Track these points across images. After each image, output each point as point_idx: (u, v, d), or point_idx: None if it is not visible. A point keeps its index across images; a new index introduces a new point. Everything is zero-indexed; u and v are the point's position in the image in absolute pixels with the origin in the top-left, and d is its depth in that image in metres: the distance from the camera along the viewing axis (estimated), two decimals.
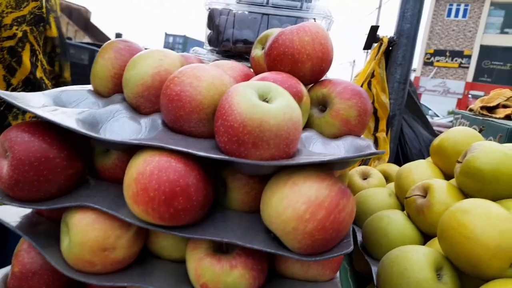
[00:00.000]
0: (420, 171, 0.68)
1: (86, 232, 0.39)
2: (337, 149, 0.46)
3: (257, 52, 0.62)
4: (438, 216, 0.51)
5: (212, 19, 0.75)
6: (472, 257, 0.44)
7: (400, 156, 1.10)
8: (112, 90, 0.53)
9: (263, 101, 0.38)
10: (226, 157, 0.37)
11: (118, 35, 18.08)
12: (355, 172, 0.85)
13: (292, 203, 0.36)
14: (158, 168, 0.37)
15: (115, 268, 0.42)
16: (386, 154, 1.03)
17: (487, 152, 0.55)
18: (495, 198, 0.53)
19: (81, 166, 0.44)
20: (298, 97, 0.46)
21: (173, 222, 0.38)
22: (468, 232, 0.44)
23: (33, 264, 0.43)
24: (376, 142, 1.04)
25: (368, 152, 0.38)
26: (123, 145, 0.39)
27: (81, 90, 0.53)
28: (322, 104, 0.51)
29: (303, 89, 0.48)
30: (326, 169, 0.39)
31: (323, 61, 0.51)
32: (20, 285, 0.43)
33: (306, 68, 0.50)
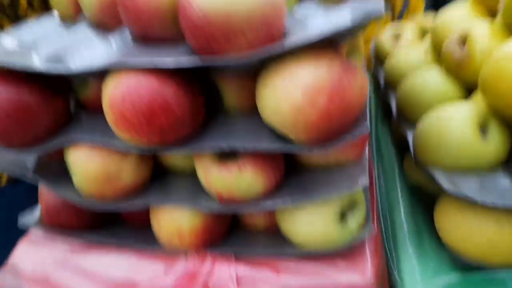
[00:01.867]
0: (460, 16, 0.55)
1: (86, 166, 0.38)
2: (343, 18, 0.37)
3: None
4: (480, 69, 0.43)
5: None
6: None
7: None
8: (75, 14, 0.47)
9: None
10: (199, 63, 0.31)
11: None
12: (384, 35, 0.73)
13: (287, 94, 0.31)
14: (128, 91, 0.33)
15: (129, 193, 0.41)
16: (420, 1, 0.87)
17: None
18: None
19: (62, 102, 0.41)
20: None
21: (165, 141, 0.35)
22: None
23: (56, 200, 0.44)
24: None
25: (367, 15, 0.29)
26: (88, 73, 0.35)
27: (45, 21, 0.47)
28: None
29: None
30: (325, 44, 0.32)
31: None
32: (52, 221, 0.45)
33: None
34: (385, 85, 0.65)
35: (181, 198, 0.40)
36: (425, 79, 0.53)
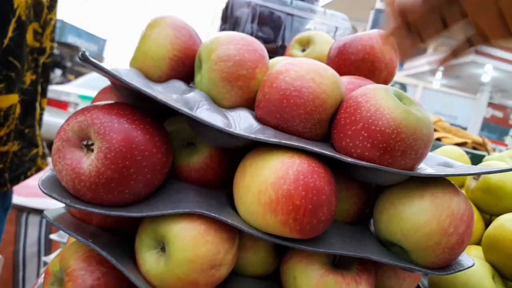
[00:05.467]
0: None
1: (196, 246, 0.32)
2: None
3: (295, 52, 0.59)
4: None
5: (231, 10, 0.69)
6: None
7: None
8: (166, 74, 0.45)
9: None
10: (376, 165, 0.33)
11: None
12: None
13: (436, 217, 0.34)
14: (303, 173, 0.32)
15: None
16: None
17: None
18: None
19: (168, 160, 0.35)
20: None
21: (308, 235, 0.33)
22: None
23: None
24: None
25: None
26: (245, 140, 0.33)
27: (131, 69, 0.43)
28: None
29: None
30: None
31: (394, 73, 0.50)
32: None
33: (382, 77, 0.49)
34: None
35: None
36: None
